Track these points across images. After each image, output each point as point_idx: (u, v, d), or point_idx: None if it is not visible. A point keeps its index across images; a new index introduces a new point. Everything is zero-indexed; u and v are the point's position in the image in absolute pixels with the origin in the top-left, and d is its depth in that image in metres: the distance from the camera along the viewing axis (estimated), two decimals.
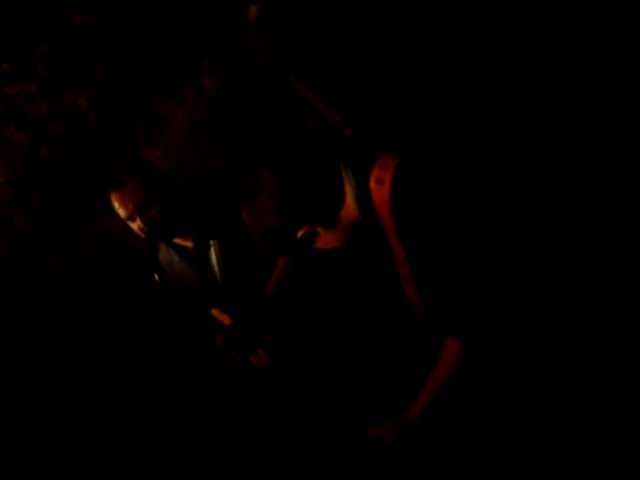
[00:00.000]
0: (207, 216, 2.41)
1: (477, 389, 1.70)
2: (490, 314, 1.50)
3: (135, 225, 2.31)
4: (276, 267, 2.34)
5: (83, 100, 3.22)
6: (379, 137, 1.70)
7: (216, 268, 2.40)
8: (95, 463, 3.05)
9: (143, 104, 3.32)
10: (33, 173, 3.22)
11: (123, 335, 3.37)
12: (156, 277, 2.43)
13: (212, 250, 2.39)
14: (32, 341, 3.34)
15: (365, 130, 1.72)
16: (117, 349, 3.37)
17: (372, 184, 1.56)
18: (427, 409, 1.62)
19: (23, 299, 3.35)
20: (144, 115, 3.33)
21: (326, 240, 1.67)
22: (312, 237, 1.64)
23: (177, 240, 2.47)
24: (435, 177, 1.52)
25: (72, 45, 3.16)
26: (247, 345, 2.21)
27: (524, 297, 1.54)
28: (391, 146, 1.64)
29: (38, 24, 3.10)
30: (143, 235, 2.31)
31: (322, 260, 2.41)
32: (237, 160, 3.35)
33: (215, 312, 2.55)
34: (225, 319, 2.48)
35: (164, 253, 2.53)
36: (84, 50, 3.19)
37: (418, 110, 2.66)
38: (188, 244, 2.45)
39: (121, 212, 2.31)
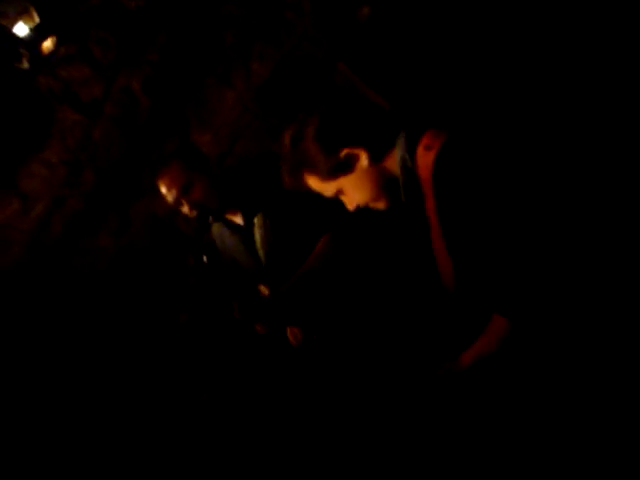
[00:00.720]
0: (254, 193, 2.41)
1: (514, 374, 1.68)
2: (534, 295, 1.47)
3: (184, 209, 2.33)
4: (317, 244, 2.33)
5: (136, 83, 3.28)
6: (429, 115, 1.68)
7: (259, 244, 2.41)
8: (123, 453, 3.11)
9: (194, 88, 3.36)
10: (86, 154, 3.29)
11: (169, 316, 3.43)
12: (204, 259, 2.46)
13: (257, 226, 2.40)
14: (80, 319, 3.42)
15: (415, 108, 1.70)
16: (162, 331, 3.43)
17: (420, 149, 1.57)
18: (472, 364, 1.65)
19: (74, 278, 3.43)
20: (194, 99, 3.37)
21: (362, 183, 1.63)
22: (353, 161, 1.61)
23: (227, 215, 2.48)
24: (484, 150, 1.51)
25: (126, 29, 3.22)
26: (276, 318, 2.21)
27: (570, 283, 1.50)
28: (440, 125, 1.63)
29: (94, 9, 3.16)
30: (193, 216, 2.33)
31: (361, 237, 2.42)
32: None
33: (263, 288, 2.57)
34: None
35: (216, 228, 2.55)
36: (137, 34, 3.24)
37: (463, 94, 2.64)
38: (237, 220, 2.46)
39: (168, 197, 2.33)
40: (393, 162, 1.62)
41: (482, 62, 2.80)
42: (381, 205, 1.68)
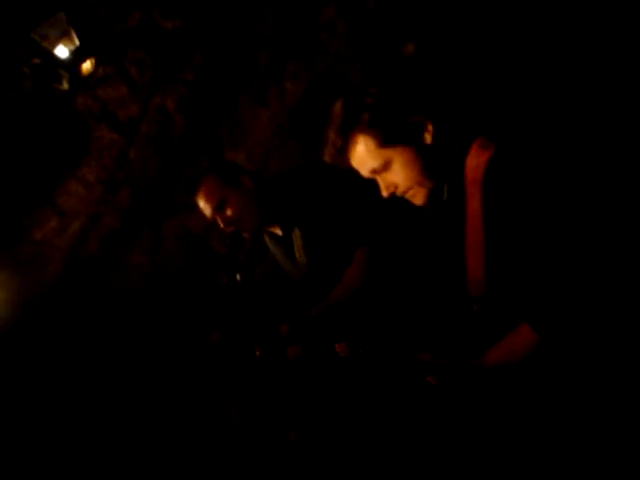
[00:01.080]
0: (291, 205, 2.39)
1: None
2: (571, 310, 1.45)
3: (220, 225, 2.32)
4: (353, 260, 2.32)
5: (171, 103, 3.33)
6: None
7: (298, 255, 2.40)
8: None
9: (228, 107, 3.40)
10: (122, 172, 3.34)
11: (201, 335, 3.44)
12: (238, 278, 2.45)
13: (295, 237, 2.39)
14: (114, 335, 3.46)
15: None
16: (194, 349, 3.44)
17: (473, 148, 1.55)
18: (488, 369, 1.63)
19: (109, 295, 3.48)
20: (229, 118, 3.41)
21: (415, 160, 1.56)
22: (420, 131, 1.54)
23: (269, 228, 2.47)
24: (538, 157, 1.48)
25: (162, 50, 3.27)
26: (307, 342, 2.20)
27: (610, 301, 1.47)
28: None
29: (131, 30, 3.22)
30: (229, 230, 2.32)
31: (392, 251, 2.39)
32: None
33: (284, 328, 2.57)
34: None
35: (267, 240, 2.55)
36: (174, 54, 3.29)
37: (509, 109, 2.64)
38: (277, 231, 2.45)
39: (206, 213, 2.33)
40: (445, 153, 1.58)
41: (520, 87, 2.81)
42: (421, 193, 1.61)
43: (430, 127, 1.53)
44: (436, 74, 2.96)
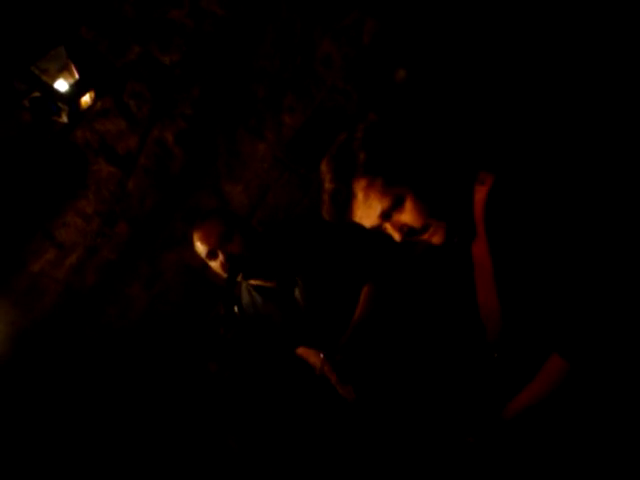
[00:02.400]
0: (289, 252, 2.41)
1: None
2: (596, 333, 1.42)
3: (216, 262, 2.32)
4: (360, 298, 2.34)
5: (170, 136, 3.35)
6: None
7: (300, 304, 2.41)
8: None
9: (226, 140, 3.42)
10: (120, 205, 3.35)
11: (199, 366, 3.43)
12: (235, 309, 2.45)
13: (296, 286, 2.40)
14: (111, 367, 3.44)
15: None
16: (192, 379, 3.42)
17: (475, 185, 1.52)
18: (522, 413, 1.59)
19: (106, 327, 3.46)
20: (226, 151, 3.42)
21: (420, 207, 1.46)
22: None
23: (258, 282, 2.48)
24: (537, 188, 1.45)
25: (161, 83, 3.30)
26: (346, 374, 2.20)
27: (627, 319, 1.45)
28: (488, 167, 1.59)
29: (130, 64, 3.26)
30: (223, 272, 2.32)
31: (405, 285, 2.39)
32: (316, 195, 3.39)
33: (301, 351, 2.56)
34: (311, 356, 2.50)
35: (246, 297, 2.55)
36: (172, 88, 3.32)
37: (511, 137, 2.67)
38: (269, 284, 2.47)
39: (202, 249, 2.32)
40: (454, 191, 1.52)
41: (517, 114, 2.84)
42: (439, 232, 1.50)
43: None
44: (431, 102, 3.00)
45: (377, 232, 1.56)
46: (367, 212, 1.50)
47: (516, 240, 1.45)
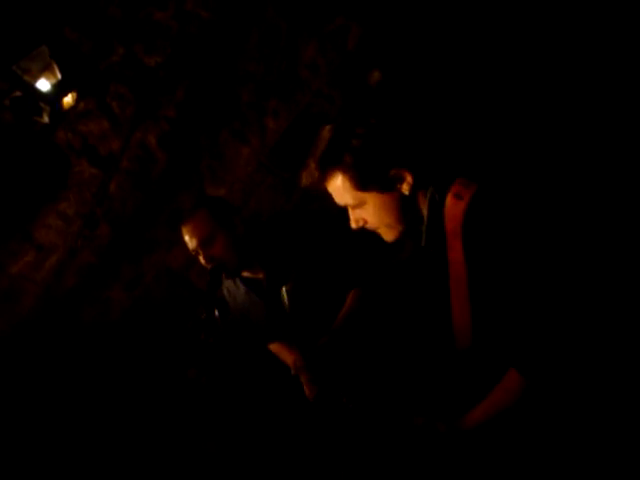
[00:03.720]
0: (277, 250, 2.42)
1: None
2: (556, 351, 1.45)
3: (201, 259, 2.33)
4: (346, 300, 2.34)
5: (152, 138, 3.33)
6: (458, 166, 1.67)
7: (285, 301, 2.41)
8: None
9: (209, 143, 3.40)
10: (102, 207, 3.32)
11: (178, 370, 3.40)
12: (216, 313, 2.45)
13: (283, 283, 2.40)
14: (90, 370, 3.40)
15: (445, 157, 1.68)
16: (171, 384, 3.40)
17: (449, 197, 1.56)
18: (480, 424, 1.64)
19: (85, 330, 3.43)
20: (210, 154, 3.41)
21: (390, 205, 1.59)
22: (396, 181, 1.55)
23: (246, 273, 2.48)
24: (515, 202, 1.51)
25: (145, 85, 3.28)
26: (320, 374, 2.20)
27: (594, 339, 1.49)
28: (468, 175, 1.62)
29: (114, 65, 3.24)
30: (208, 268, 2.33)
31: (388, 290, 2.40)
32: (299, 200, 3.39)
33: (274, 347, 2.56)
34: (284, 353, 2.50)
35: (229, 284, 2.55)
36: (156, 90, 3.30)
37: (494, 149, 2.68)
38: (258, 276, 2.47)
39: (189, 245, 2.34)
40: (422, 201, 1.60)
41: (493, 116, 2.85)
42: (391, 234, 1.64)
43: (409, 179, 1.56)
44: (412, 107, 3.01)
45: (365, 236, 1.69)
46: (336, 196, 1.64)
47: (490, 255, 1.50)
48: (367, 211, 1.61)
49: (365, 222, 1.63)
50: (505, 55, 2.92)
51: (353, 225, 1.66)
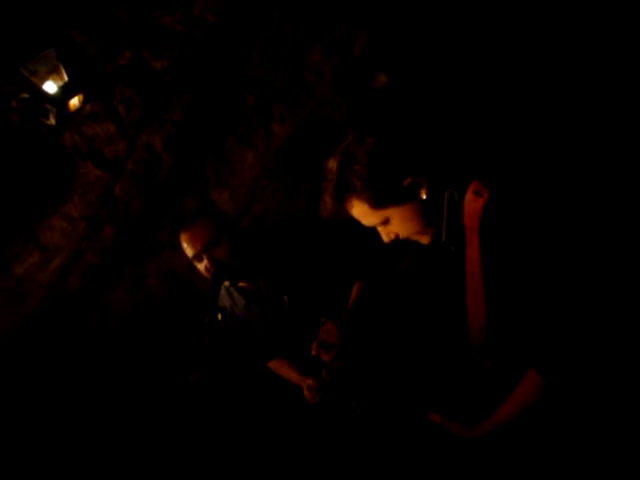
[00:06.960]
0: (276, 258, 2.42)
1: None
2: (575, 351, 1.45)
3: (201, 265, 2.34)
4: (348, 302, 2.34)
5: (158, 141, 3.34)
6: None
7: (286, 310, 2.41)
8: None
9: (214, 147, 3.41)
10: (106, 209, 3.33)
11: (181, 374, 3.40)
12: (219, 317, 2.45)
13: (283, 289, 2.41)
14: (93, 373, 3.41)
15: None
16: (173, 388, 3.40)
17: (468, 194, 1.57)
18: (494, 431, 1.64)
19: (89, 332, 3.43)
20: (215, 158, 3.42)
21: (413, 215, 1.59)
22: (415, 190, 1.56)
23: (243, 284, 2.49)
24: (533, 200, 1.52)
25: (151, 89, 3.30)
26: (332, 395, 2.21)
27: (614, 341, 1.48)
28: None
29: (121, 68, 3.25)
30: (208, 275, 2.33)
31: (393, 286, 2.39)
32: (304, 205, 3.39)
33: (273, 364, 2.56)
34: (285, 371, 2.50)
35: (226, 297, 2.55)
36: (162, 94, 3.31)
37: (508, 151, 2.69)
38: (257, 284, 2.47)
39: (189, 251, 2.34)
40: (443, 200, 1.61)
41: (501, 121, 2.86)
42: (425, 239, 1.67)
43: (424, 184, 1.56)
44: (422, 113, 3.02)
45: (369, 240, 1.76)
46: (361, 219, 1.66)
47: (508, 253, 1.50)
48: (394, 225, 1.63)
49: (396, 235, 1.65)
50: (509, 56, 2.94)
51: (385, 239, 1.68)
